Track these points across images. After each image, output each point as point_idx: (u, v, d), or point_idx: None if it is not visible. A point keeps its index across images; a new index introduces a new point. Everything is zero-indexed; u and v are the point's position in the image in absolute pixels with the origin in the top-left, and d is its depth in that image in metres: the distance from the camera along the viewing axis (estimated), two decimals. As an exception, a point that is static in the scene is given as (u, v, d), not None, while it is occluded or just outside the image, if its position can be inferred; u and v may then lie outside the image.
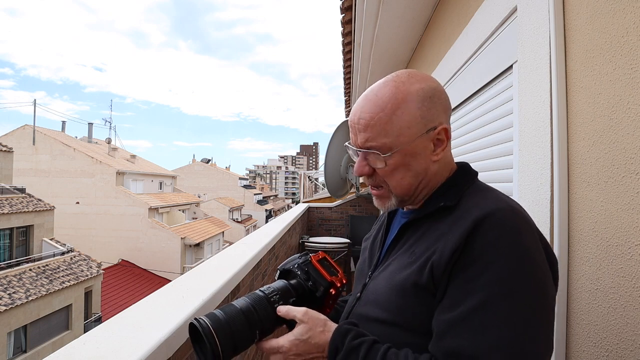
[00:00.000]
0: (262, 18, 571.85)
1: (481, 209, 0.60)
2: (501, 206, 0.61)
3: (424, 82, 0.68)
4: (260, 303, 0.66)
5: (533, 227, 0.62)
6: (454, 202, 0.65)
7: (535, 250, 0.59)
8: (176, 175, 27.68)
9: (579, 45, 0.87)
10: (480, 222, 0.58)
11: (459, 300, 0.56)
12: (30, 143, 18.80)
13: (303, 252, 0.80)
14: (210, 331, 0.58)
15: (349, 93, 5.32)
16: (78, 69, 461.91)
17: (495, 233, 0.57)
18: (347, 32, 3.29)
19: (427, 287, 0.60)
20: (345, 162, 3.89)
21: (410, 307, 0.63)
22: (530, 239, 0.59)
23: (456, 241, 0.58)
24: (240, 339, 0.62)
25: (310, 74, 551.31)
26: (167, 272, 18.04)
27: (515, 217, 0.60)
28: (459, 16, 1.87)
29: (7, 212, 11.43)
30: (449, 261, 0.58)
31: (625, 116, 0.72)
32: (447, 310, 0.57)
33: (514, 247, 0.56)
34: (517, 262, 0.56)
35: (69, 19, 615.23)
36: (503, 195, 0.67)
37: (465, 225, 0.59)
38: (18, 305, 9.75)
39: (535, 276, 0.56)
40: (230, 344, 0.60)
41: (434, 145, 0.69)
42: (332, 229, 6.50)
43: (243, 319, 0.62)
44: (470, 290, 0.55)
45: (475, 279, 0.56)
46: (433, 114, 0.67)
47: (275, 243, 2.72)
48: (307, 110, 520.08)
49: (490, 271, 0.55)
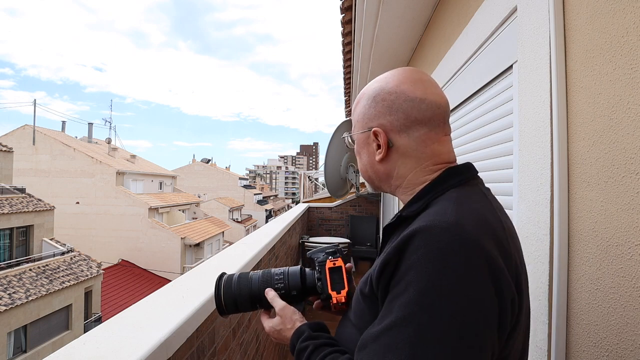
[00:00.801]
0: (262, 18, 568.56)
1: (418, 223, 0.57)
2: (437, 222, 0.56)
3: (382, 81, 0.72)
4: (266, 284, 0.81)
5: (476, 250, 0.54)
6: (413, 214, 0.64)
7: (462, 277, 0.52)
8: (176, 175, 27.68)
9: (579, 45, 0.87)
10: (410, 239, 0.56)
11: (381, 319, 0.56)
12: (30, 143, 18.81)
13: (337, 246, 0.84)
14: (219, 294, 0.80)
15: (349, 93, 5.32)
16: (78, 69, 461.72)
17: (420, 253, 0.54)
18: (347, 32, 3.30)
19: (370, 297, 0.63)
20: (345, 162, 3.89)
21: (361, 313, 0.66)
22: (459, 265, 0.52)
23: (384, 257, 0.58)
24: (242, 304, 0.81)
25: (310, 74, 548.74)
26: (167, 272, 18.04)
27: (448, 235, 0.54)
28: (459, 16, 1.87)
29: (7, 212, 11.43)
30: (380, 276, 0.58)
31: (625, 116, 0.72)
32: (374, 325, 0.57)
33: (433, 270, 0.52)
34: (430, 287, 0.51)
35: (69, 19, 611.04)
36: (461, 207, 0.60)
37: (397, 240, 0.57)
38: (18, 305, 9.75)
39: (448, 304, 0.50)
40: (233, 306, 0.80)
41: (376, 146, 0.71)
42: (332, 229, 6.51)
43: (247, 293, 0.80)
44: (390, 309, 0.55)
45: (395, 299, 0.54)
46: (372, 114, 0.71)
47: (275, 243, 2.73)
48: (307, 110, 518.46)
49: (407, 292, 0.53)
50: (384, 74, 0.73)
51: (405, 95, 0.68)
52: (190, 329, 1.03)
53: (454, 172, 0.68)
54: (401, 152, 0.69)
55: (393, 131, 0.69)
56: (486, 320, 0.52)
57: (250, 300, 0.80)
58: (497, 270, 0.54)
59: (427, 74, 0.73)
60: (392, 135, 0.69)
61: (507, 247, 0.59)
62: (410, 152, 0.69)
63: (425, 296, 0.51)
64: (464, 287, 0.51)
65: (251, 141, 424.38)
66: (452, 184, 0.66)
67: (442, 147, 0.69)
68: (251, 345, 1.89)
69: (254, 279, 0.81)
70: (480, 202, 0.64)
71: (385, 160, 0.71)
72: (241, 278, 0.82)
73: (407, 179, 0.70)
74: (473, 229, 0.56)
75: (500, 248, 0.57)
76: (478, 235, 0.55)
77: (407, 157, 0.69)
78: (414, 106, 0.67)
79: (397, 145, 0.69)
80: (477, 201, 0.63)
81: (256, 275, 0.82)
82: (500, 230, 0.60)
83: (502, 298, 0.54)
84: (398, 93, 0.68)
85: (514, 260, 0.59)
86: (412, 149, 0.68)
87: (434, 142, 0.68)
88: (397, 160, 0.70)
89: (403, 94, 0.68)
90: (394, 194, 0.74)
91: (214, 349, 1.29)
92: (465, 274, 0.52)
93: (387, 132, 0.69)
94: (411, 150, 0.68)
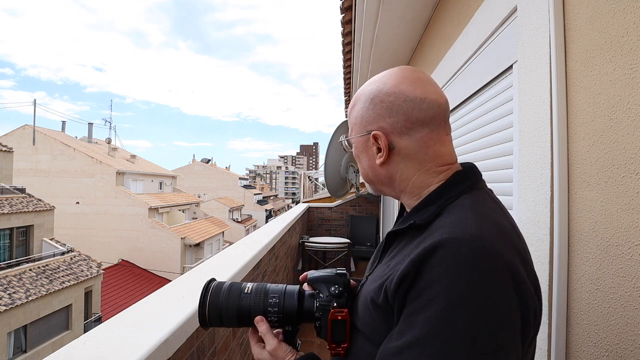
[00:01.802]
0: (262, 18, 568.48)
1: (441, 234, 0.55)
2: (459, 234, 0.54)
3: (379, 82, 0.69)
4: (256, 310, 0.72)
5: (500, 263, 0.53)
6: (425, 221, 0.61)
7: (488, 291, 0.51)
8: (176, 175, 27.68)
9: (579, 45, 0.87)
10: (430, 253, 0.53)
11: (402, 332, 0.54)
12: (30, 143, 18.81)
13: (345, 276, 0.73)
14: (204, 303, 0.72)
15: (349, 93, 5.32)
16: (78, 69, 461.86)
17: (443, 267, 0.52)
18: (347, 32, 3.30)
19: (384, 307, 0.60)
20: (345, 162, 3.89)
21: (371, 321, 0.63)
22: (485, 279, 0.51)
23: (403, 269, 0.55)
24: (228, 319, 0.72)
25: (310, 74, 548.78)
26: (167, 272, 18.04)
27: (472, 249, 0.52)
28: (459, 16, 1.87)
29: (7, 212, 11.43)
30: (397, 288, 0.56)
31: (625, 116, 0.72)
32: (393, 339, 0.55)
33: (457, 286, 0.50)
34: (455, 304, 0.50)
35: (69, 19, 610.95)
36: (480, 215, 0.58)
37: (417, 253, 0.55)
38: (18, 305, 9.75)
39: (475, 320, 0.49)
40: (217, 318, 0.72)
41: (377, 150, 0.68)
42: (332, 229, 6.50)
43: (234, 310, 0.72)
44: (410, 324, 0.53)
45: (417, 314, 0.53)
46: (370, 116, 0.68)
47: (275, 243, 2.72)
48: (307, 110, 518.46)
49: (430, 309, 0.51)
50: (380, 75, 0.71)
51: (405, 96, 0.65)
52: (190, 329, 1.03)
53: (463, 176, 0.67)
54: (403, 154, 0.67)
55: (394, 133, 0.66)
56: (513, 335, 0.52)
57: (237, 318, 0.72)
58: (521, 281, 0.53)
59: (424, 72, 0.71)
60: (393, 137, 0.67)
61: (524, 254, 0.58)
62: (412, 154, 0.67)
63: (452, 312, 0.50)
64: (491, 303, 0.50)
65: (251, 141, 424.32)
66: (462, 189, 0.64)
67: (444, 148, 0.68)
68: (251, 345, 1.89)
69: (244, 296, 0.72)
70: (494, 209, 0.63)
71: (387, 163, 0.68)
72: (232, 290, 0.73)
73: (411, 182, 0.68)
74: (495, 240, 0.54)
75: (520, 257, 0.56)
76: (501, 247, 0.54)
77: (410, 160, 0.67)
78: (414, 106, 0.65)
79: (398, 148, 0.67)
80: (491, 208, 0.63)
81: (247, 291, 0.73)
82: (516, 237, 0.59)
83: (526, 309, 0.53)
84: (397, 94, 0.66)
85: (531, 266, 0.59)
86: (414, 151, 0.66)
87: (436, 143, 0.67)
88: (399, 163, 0.68)
89: (402, 94, 0.66)
90: (398, 198, 0.72)
91: (214, 349, 1.29)
92: (491, 288, 0.51)
93: (388, 135, 0.67)
94: (413, 152, 0.66)
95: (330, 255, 4.60)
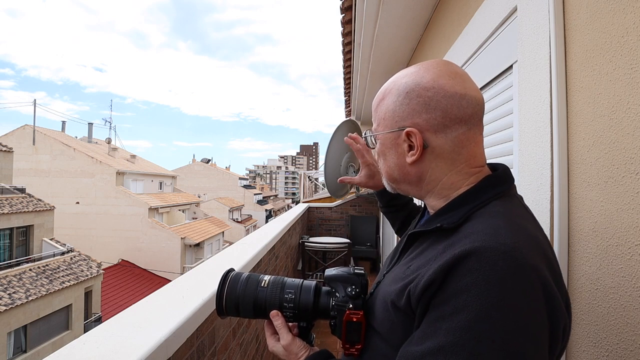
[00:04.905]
0: (261, 19, 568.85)
1: (472, 242, 0.53)
2: (493, 244, 0.51)
3: (415, 75, 0.64)
4: (272, 303, 0.73)
5: (532, 276, 0.50)
6: (453, 225, 0.59)
7: (519, 305, 0.49)
8: (176, 175, 27.68)
9: (579, 45, 0.87)
10: (461, 260, 0.51)
11: (424, 338, 0.52)
12: (30, 143, 18.80)
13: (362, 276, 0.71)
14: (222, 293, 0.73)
15: (349, 93, 5.32)
16: (78, 69, 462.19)
17: (474, 276, 0.50)
18: (347, 32, 3.29)
19: (405, 310, 0.58)
20: (345, 162, 3.89)
21: (390, 323, 0.61)
22: (517, 292, 0.49)
23: (431, 275, 0.53)
24: (244, 310, 0.74)
25: (310, 74, 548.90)
26: (167, 272, 18.04)
27: (506, 261, 0.50)
28: (459, 16, 1.87)
29: (7, 212, 11.43)
30: (423, 294, 0.54)
31: (625, 116, 0.72)
32: (414, 343, 0.54)
33: (489, 298, 0.48)
34: (486, 316, 0.48)
35: (69, 20, 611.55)
36: (513, 225, 0.55)
37: (445, 259, 0.53)
38: (18, 305, 9.75)
39: (505, 335, 0.48)
40: (234, 308, 0.73)
41: (408, 147, 0.64)
42: (332, 229, 6.50)
43: (251, 301, 0.73)
44: (435, 330, 0.51)
45: (442, 321, 0.51)
46: (404, 111, 0.64)
47: (275, 243, 2.72)
48: (307, 111, 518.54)
49: (457, 317, 0.49)
50: (412, 67, 0.66)
51: (445, 91, 0.61)
52: (190, 329, 1.03)
53: (495, 181, 0.63)
54: (436, 153, 0.63)
55: (429, 131, 0.62)
56: (538, 353, 0.49)
57: (253, 309, 0.73)
58: (552, 297, 0.51)
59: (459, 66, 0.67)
60: (428, 135, 0.62)
61: (557, 267, 0.57)
62: (445, 154, 0.63)
63: (480, 324, 0.48)
64: (521, 317, 0.48)
65: (251, 141, 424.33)
66: (493, 195, 0.61)
67: (477, 149, 0.64)
68: (251, 345, 1.89)
69: (261, 289, 0.73)
70: (526, 218, 0.60)
71: (418, 162, 0.64)
72: (250, 281, 0.74)
73: (441, 182, 0.64)
74: (529, 252, 0.52)
75: (551, 271, 0.54)
76: (534, 260, 0.52)
77: (442, 159, 0.63)
78: (453, 103, 0.61)
79: (432, 146, 0.63)
80: (524, 217, 0.60)
81: (264, 284, 0.74)
82: (549, 250, 0.57)
83: (556, 326, 0.52)
84: (437, 88, 0.61)
85: (561, 279, 0.57)
86: (447, 150, 0.63)
87: (471, 143, 0.63)
88: (431, 162, 0.64)
89: (442, 89, 0.61)
90: (422, 198, 0.69)
91: (214, 349, 1.29)
92: (522, 304, 0.49)
93: (422, 132, 0.62)
94: (447, 151, 0.63)
95: (330, 255, 4.60)
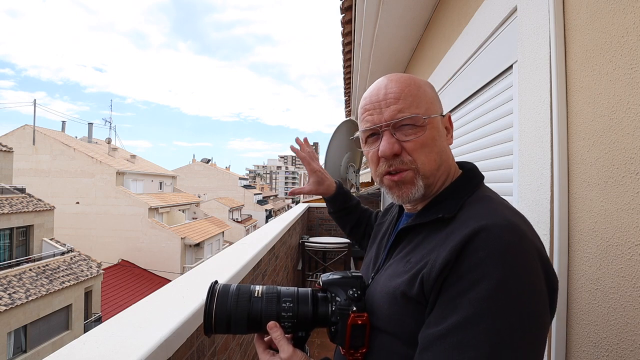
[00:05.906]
0: (261, 19, 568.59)
1: (476, 222, 0.58)
2: (497, 221, 0.57)
3: (417, 77, 0.75)
4: (269, 314, 0.67)
5: (532, 246, 0.57)
6: (452, 213, 0.63)
7: (529, 271, 0.54)
8: (176, 175, 27.67)
9: (579, 45, 0.87)
10: (472, 238, 0.56)
11: (444, 316, 0.54)
12: (30, 143, 18.80)
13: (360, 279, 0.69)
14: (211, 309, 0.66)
15: (349, 93, 5.32)
16: (78, 69, 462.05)
17: (486, 250, 0.54)
18: (347, 32, 3.29)
19: (417, 299, 0.59)
20: (345, 162, 3.89)
21: (399, 317, 0.62)
22: (525, 260, 0.55)
23: (446, 256, 0.56)
24: (236, 325, 0.67)
25: (310, 74, 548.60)
26: (167, 272, 18.04)
27: (511, 233, 0.56)
28: (459, 16, 1.87)
29: (7, 212, 11.42)
30: (439, 276, 0.56)
31: (625, 116, 0.72)
32: (433, 325, 0.55)
33: (504, 267, 0.53)
34: (504, 283, 0.52)
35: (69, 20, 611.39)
36: (504, 207, 0.63)
37: (457, 239, 0.57)
38: (18, 305, 9.75)
39: (522, 298, 0.52)
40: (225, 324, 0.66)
41: (447, 130, 0.74)
42: (332, 229, 6.50)
43: (245, 315, 0.66)
44: (455, 307, 0.54)
45: (461, 296, 0.54)
46: (437, 100, 0.74)
47: (275, 243, 2.72)
48: (307, 111, 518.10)
49: (476, 289, 0.53)
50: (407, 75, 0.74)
51: None
52: (190, 328, 1.03)
53: (475, 173, 0.73)
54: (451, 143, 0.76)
55: None
56: (547, 314, 0.56)
57: (247, 323, 0.66)
58: (548, 264, 0.58)
59: None
60: None
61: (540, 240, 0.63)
62: None
63: (499, 292, 0.52)
64: (532, 282, 0.54)
65: (251, 141, 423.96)
66: (475, 184, 0.70)
67: None
68: (251, 345, 1.89)
69: (255, 300, 0.67)
70: (504, 200, 0.68)
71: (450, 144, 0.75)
72: (241, 293, 0.67)
73: (451, 169, 0.73)
74: (523, 225, 0.59)
75: (540, 242, 0.61)
76: (530, 233, 0.59)
77: None
78: None
79: None
80: (502, 200, 0.68)
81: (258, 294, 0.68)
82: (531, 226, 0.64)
83: (552, 290, 0.58)
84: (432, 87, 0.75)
85: None
86: None
87: None
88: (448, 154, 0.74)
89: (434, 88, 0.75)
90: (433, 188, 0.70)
91: (214, 349, 1.29)
92: (531, 271, 0.55)
93: None
94: None
95: (330, 256, 4.60)
